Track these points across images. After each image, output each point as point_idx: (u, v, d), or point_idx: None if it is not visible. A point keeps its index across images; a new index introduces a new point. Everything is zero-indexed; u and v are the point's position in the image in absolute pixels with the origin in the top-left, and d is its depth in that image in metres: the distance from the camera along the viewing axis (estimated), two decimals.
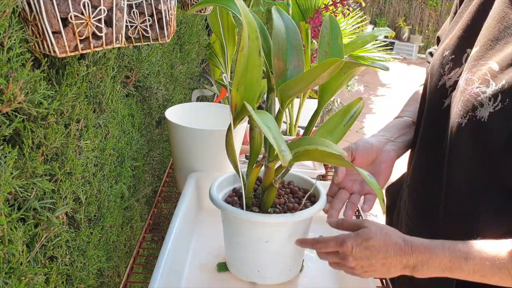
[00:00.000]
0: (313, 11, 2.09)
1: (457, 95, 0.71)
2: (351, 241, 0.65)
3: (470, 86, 0.68)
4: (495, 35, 0.68)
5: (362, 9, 7.66)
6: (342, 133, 0.74)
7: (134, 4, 0.70)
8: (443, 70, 0.77)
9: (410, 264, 0.63)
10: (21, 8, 0.52)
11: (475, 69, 0.68)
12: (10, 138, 0.57)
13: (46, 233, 0.64)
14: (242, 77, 0.62)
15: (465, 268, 0.61)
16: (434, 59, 0.81)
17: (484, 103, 0.65)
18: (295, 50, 0.72)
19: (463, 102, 0.68)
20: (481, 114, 0.65)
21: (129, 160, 1.00)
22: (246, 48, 0.60)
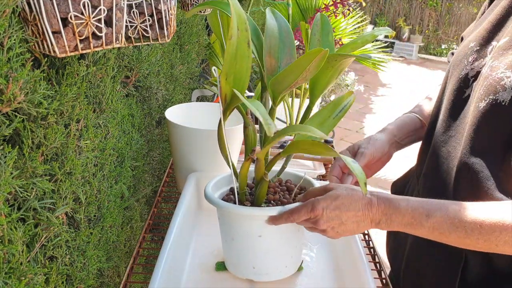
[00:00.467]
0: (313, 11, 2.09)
1: (480, 82, 0.72)
2: (321, 203, 0.66)
3: (494, 72, 0.69)
4: None
5: (362, 9, 7.66)
6: (332, 125, 0.75)
7: (134, 4, 0.70)
8: (466, 61, 0.78)
9: (376, 218, 0.65)
10: (21, 8, 0.52)
11: (502, 58, 0.69)
12: (10, 138, 0.57)
13: (46, 233, 0.64)
14: (231, 67, 0.63)
15: (426, 225, 0.63)
16: (458, 51, 0.82)
17: (507, 87, 0.66)
18: (287, 49, 0.72)
19: (485, 87, 0.69)
20: (502, 97, 0.66)
21: (129, 160, 1.00)
22: (235, 38, 0.61)
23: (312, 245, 0.91)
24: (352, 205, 0.66)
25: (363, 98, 5.24)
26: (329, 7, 1.55)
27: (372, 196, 0.66)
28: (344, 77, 3.24)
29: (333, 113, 0.76)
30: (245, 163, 0.71)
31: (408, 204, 0.65)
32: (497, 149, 0.68)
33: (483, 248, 0.63)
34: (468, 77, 0.76)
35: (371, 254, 0.93)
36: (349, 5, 1.54)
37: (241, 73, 0.65)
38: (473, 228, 0.61)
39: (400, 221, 0.64)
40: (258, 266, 0.76)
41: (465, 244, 0.63)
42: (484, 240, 0.61)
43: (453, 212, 0.63)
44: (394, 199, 0.66)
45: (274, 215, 0.70)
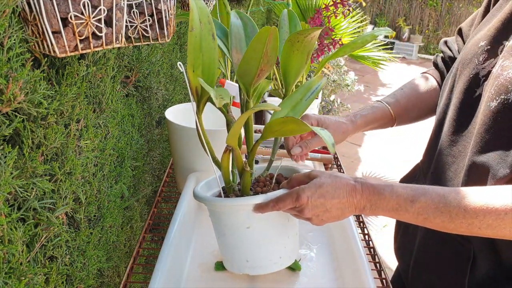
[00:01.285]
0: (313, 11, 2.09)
1: (490, 82, 0.71)
2: (306, 192, 0.66)
3: (505, 71, 0.69)
4: None
5: (362, 9, 7.66)
6: (304, 108, 0.76)
7: (134, 4, 0.70)
8: (477, 60, 0.77)
9: (360, 204, 0.66)
10: (21, 8, 0.52)
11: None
12: (10, 138, 0.57)
13: (46, 233, 0.64)
14: (196, 59, 0.64)
15: (411, 210, 0.64)
16: (467, 50, 0.81)
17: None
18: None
19: (496, 87, 0.69)
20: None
21: (129, 160, 1.00)
22: (197, 30, 0.63)
23: (312, 245, 0.91)
24: (336, 192, 0.66)
25: (363, 98, 5.24)
26: (329, 7, 1.55)
27: (356, 183, 0.66)
28: (344, 77, 3.23)
29: (304, 95, 0.77)
30: (224, 156, 0.72)
31: (393, 190, 0.65)
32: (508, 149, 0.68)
33: (465, 232, 0.63)
34: (479, 76, 0.76)
35: (371, 254, 0.93)
36: (349, 5, 1.54)
37: (209, 65, 0.66)
38: (457, 212, 0.62)
39: (385, 206, 0.65)
40: (251, 259, 0.75)
41: (448, 228, 0.64)
42: (467, 224, 0.62)
43: (437, 197, 0.63)
44: (378, 186, 0.66)
45: (259, 203, 0.70)
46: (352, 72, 3.35)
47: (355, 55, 2.56)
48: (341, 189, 0.66)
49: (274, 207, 0.69)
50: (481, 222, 0.61)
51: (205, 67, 0.66)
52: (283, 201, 0.68)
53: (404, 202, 0.64)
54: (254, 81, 0.68)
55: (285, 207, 0.68)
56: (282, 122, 0.63)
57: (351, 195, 0.66)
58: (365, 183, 0.66)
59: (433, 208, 0.63)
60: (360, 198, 0.65)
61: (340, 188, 0.66)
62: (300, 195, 0.66)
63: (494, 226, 0.61)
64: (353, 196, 0.65)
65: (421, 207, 0.63)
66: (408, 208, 0.64)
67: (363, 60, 2.36)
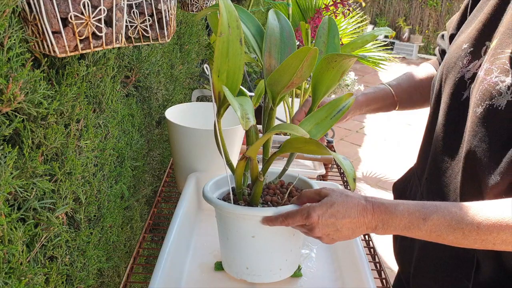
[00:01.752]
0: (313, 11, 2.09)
1: (476, 85, 0.71)
2: (316, 211, 0.66)
3: (489, 75, 0.69)
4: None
5: (362, 9, 7.65)
6: (328, 126, 0.74)
7: (134, 4, 0.70)
8: (461, 63, 0.77)
9: (372, 224, 0.65)
10: (21, 8, 0.52)
11: (494, 59, 0.69)
12: (10, 138, 0.57)
13: (46, 233, 0.64)
14: (223, 64, 0.63)
15: (423, 228, 0.63)
16: (451, 52, 0.81)
17: (502, 92, 0.65)
18: (288, 49, 0.71)
19: (481, 92, 0.69)
20: (498, 102, 0.66)
21: (129, 160, 1.00)
22: (225, 35, 0.61)
23: (312, 245, 0.91)
24: (347, 212, 0.65)
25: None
26: (329, 7, 1.55)
27: (367, 203, 0.65)
28: (344, 77, 3.23)
29: (330, 114, 0.75)
30: (240, 162, 0.71)
31: (404, 208, 0.64)
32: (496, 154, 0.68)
33: (480, 247, 0.63)
34: (464, 79, 0.76)
35: (371, 254, 0.93)
36: (349, 5, 1.54)
37: (234, 71, 0.64)
38: (470, 229, 0.61)
39: (397, 225, 0.64)
40: (251, 267, 0.76)
41: (462, 244, 0.63)
42: (481, 240, 0.61)
43: (449, 214, 0.63)
44: (390, 205, 0.65)
45: (269, 215, 0.70)
46: (352, 72, 3.35)
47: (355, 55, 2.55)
48: (352, 209, 0.65)
49: (283, 222, 0.69)
50: (495, 238, 0.60)
51: (230, 72, 0.64)
52: (293, 218, 0.67)
53: (416, 220, 0.63)
54: (283, 91, 0.68)
55: (294, 223, 0.68)
56: (305, 142, 0.62)
57: (362, 214, 0.65)
58: (376, 202, 0.66)
59: (446, 225, 0.62)
60: (372, 218, 0.65)
61: (351, 207, 0.65)
62: (311, 213, 0.66)
63: (509, 241, 0.60)
64: (364, 216, 0.65)
65: (434, 225, 0.63)
66: (421, 226, 0.63)
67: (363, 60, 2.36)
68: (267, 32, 0.72)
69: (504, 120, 0.65)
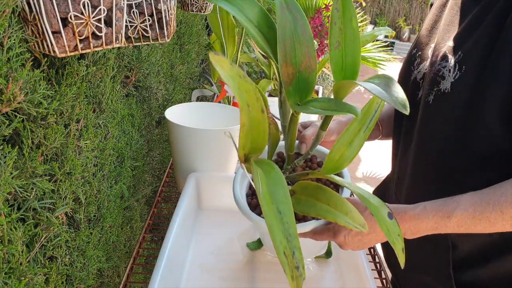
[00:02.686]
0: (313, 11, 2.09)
1: (426, 81, 0.76)
2: (342, 231, 0.68)
3: (433, 66, 0.73)
4: (450, 20, 0.75)
5: (362, 9, 7.65)
6: (362, 142, 0.66)
7: (134, 4, 0.70)
8: (412, 67, 0.83)
9: None
10: (20, 8, 0.52)
11: (437, 52, 0.74)
12: (10, 138, 0.57)
13: (46, 233, 0.64)
14: (246, 140, 0.56)
15: (450, 225, 0.65)
16: (405, 60, 0.87)
17: (445, 75, 0.70)
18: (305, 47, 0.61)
19: (428, 81, 0.74)
20: (444, 86, 0.70)
21: (129, 160, 1.00)
22: (246, 115, 0.54)
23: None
24: (372, 228, 0.67)
25: (363, 98, 5.24)
26: (329, 7, 1.55)
27: None
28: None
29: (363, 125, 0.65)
30: None
31: (427, 211, 0.66)
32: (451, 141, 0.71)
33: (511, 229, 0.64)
34: (417, 80, 0.80)
35: (371, 254, 0.93)
36: None
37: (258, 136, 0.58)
38: (495, 216, 0.63)
39: (424, 229, 0.66)
40: None
41: (493, 230, 0.65)
42: (510, 224, 0.62)
43: (472, 206, 0.64)
44: (412, 211, 0.66)
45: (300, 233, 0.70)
46: None
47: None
48: (376, 224, 0.66)
49: (312, 237, 0.71)
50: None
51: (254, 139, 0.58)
52: (321, 235, 0.70)
53: (442, 220, 0.65)
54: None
55: (322, 240, 0.70)
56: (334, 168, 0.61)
57: None
58: (399, 212, 0.67)
59: (471, 218, 0.64)
60: None
61: (375, 222, 0.66)
62: (337, 234, 0.68)
63: None
64: None
65: (459, 220, 0.64)
66: (447, 224, 0.65)
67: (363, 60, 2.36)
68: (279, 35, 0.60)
69: (452, 101, 0.69)
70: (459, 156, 0.71)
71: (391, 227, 0.56)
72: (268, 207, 0.46)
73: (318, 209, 0.60)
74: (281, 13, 0.59)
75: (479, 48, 0.66)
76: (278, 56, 0.60)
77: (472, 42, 0.68)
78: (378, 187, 1.05)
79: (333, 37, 0.61)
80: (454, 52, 0.70)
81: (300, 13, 0.61)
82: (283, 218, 0.46)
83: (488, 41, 0.65)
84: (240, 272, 0.83)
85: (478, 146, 0.68)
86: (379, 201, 0.59)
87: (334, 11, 0.61)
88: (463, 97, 0.67)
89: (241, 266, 0.84)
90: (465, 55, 0.68)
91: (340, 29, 0.61)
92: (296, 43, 0.61)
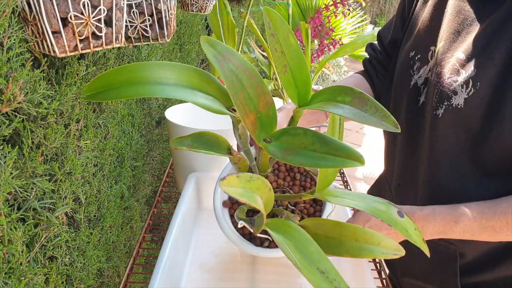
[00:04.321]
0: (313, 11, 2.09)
1: (430, 89, 0.74)
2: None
3: (441, 78, 0.72)
4: (456, 28, 0.73)
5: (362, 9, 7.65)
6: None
7: (134, 4, 0.70)
8: (412, 71, 0.81)
9: None
10: (20, 8, 0.52)
11: (444, 62, 0.72)
12: (9, 138, 0.57)
13: (46, 233, 0.64)
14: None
15: (456, 230, 0.66)
16: (400, 61, 0.84)
17: (457, 90, 0.69)
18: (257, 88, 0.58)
19: (438, 94, 0.72)
20: (456, 101, 0.69)
21: (129, 160, 1.00)
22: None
23: None
24: (384, 224, 0.68)
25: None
26: (329, 7, 1.55)
27: None
28: (344, 77, 3.23)
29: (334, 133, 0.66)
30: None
31: (436, 214, 0.67)
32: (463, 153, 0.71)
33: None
34: (418, 85, 0.79)
35: None
36: (349, 5, 1.54)
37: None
38: (500, 226, 0.64)
39: (432, 231, 0.67)
40: None
41: (497, 239, 0.66)
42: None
43: (479, 214, 0.65)
44: (422, 212, 0.67)
45: None
46: (351, 72, 3.36)
47: (355, 55, 2.56)
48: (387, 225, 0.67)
49: None
50: None
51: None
52: None
53: (449, 224, 0.66)
54: None
55: None
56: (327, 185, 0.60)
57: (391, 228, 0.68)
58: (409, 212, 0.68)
59: (477, 225, 0.65)
60: None
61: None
62: None
63: None
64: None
65: (466, 226, 0.65)
66: (454, 229, 0.66)
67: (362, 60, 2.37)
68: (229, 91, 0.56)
69: (466, 117, 0.68)
70: (471, 167, 0.70)
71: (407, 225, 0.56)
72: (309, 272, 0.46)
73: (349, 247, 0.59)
74: (222, 68, 0.56)
75: (495, 63, 0.64)
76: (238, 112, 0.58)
77: (487, 58, 0.65)
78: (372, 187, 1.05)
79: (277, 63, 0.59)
80: (466, 66, 0.68)
81: (236, 55, 0.57)
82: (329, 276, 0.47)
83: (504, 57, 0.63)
84: (240, 273, 0.83)
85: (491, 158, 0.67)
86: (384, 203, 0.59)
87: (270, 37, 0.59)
88: (479, 113, 0.66)
89: (241, 267, 0.84)
90: (478, 71, 0.66)
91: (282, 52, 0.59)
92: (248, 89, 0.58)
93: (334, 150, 0.50)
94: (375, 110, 0.50)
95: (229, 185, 0.47)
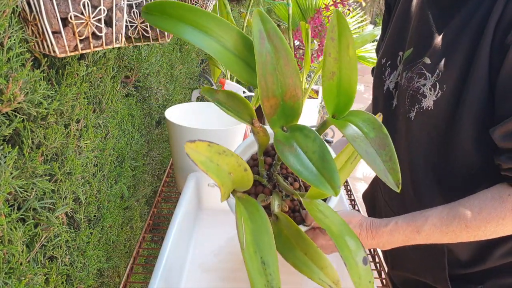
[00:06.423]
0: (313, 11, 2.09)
1: (402, 94, 0.78)
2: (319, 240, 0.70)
3: (411, 82, 0.76)
4: (422, 34, 0.77)
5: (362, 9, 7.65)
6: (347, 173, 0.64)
7: (134, 4, 0.70)
8: (384, 77, 0.86)
9: (372, 245, 0.72)
10: (21, 8, 0.52)
11: (413, 68, 0.76)
12: (10, 138, 0.57)
13: (46, 233, 0.64)
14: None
15: (419, 239, 0.69)
16: (376, 69, 0.90)
17: (426, 94, 0.72)
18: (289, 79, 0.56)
19: (409, 99, 0.76)
20: (426, 104, 0.73)
21: (129, 160, 1.00)
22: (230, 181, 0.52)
23: None
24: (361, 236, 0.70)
25: (363, 98, 5.24)
26: (329, 7, 1.55)
27: (362, 230, 0.71)
28: None
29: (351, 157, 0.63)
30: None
31: (398, 226, 0.69)
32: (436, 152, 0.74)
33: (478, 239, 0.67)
34: (390, 90, 0.84)
35: (371, 254, 0.93)
36: (349, 5, 1.54)
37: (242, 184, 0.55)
38: (460, 230, 0.66)
39: (395, 242, 0.70)
40: None
41: (460, 241, 0.68)
42: (474, 236, 0.66)
43: (438, 221, 0.68)
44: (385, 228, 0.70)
45: None
46: None
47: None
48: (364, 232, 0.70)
49: None
50: (485, 232, 0.66)
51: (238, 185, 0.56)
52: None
53: (412, 234, 0.69)
54: None
55: None
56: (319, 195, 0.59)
57: (364, 240, 0.71)
58: (370, 229, 0.70)
59: (438, 232, 0.67)
60: (372, 242, 0.71)
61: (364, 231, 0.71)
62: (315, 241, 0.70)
63: (498, 231, 0.65)
64: (365, 241, 0.71)
65: (428, 234, 0.68)
66: (416, 237, 0.69)
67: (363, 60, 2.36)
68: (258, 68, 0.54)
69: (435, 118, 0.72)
70: (445, 169, 0.74)
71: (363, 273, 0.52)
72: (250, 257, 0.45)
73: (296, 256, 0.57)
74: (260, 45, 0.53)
75: (457, 66, 0.68)
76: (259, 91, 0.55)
77: (450, 60, 0.70)
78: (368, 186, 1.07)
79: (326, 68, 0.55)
80: (432, 69, 0.72)
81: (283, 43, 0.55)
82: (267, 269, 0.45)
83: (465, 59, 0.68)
84: (240, 272, 0.83)
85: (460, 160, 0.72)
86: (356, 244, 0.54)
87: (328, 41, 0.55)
88: (447, 114, 0.70)
89: (241, 266, 0.84)
90: (443, 73, 0.70)
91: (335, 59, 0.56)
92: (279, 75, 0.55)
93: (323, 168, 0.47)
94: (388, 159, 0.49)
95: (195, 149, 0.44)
